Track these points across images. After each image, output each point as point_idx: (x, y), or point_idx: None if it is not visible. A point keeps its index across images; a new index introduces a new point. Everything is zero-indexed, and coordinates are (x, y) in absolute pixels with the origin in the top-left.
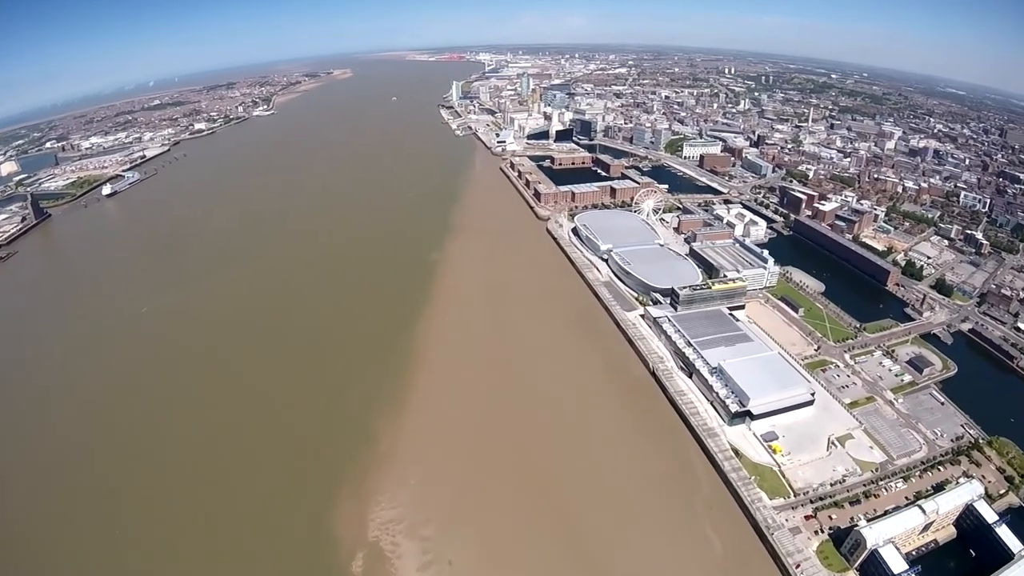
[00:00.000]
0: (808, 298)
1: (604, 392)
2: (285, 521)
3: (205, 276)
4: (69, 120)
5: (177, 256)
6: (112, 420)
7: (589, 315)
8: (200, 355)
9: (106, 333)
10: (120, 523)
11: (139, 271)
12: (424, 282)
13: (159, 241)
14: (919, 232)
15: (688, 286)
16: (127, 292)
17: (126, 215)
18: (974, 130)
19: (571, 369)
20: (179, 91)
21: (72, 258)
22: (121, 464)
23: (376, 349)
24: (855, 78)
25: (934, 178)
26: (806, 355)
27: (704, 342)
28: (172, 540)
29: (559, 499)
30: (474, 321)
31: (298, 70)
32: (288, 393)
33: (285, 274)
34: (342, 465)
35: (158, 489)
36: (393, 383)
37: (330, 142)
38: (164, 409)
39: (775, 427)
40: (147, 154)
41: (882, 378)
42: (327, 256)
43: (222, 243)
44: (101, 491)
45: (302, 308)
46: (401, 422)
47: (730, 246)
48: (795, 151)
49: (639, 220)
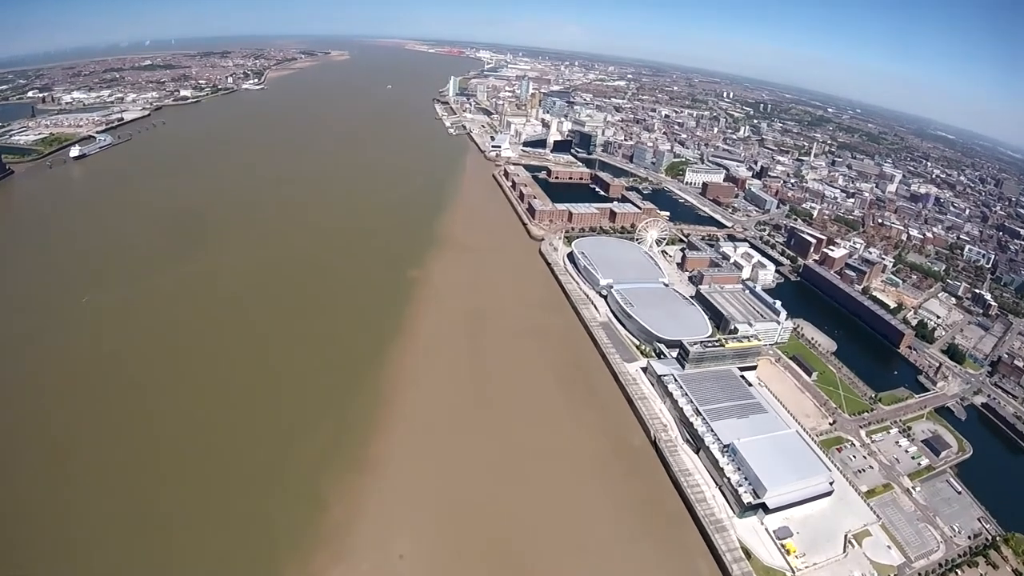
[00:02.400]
0: (821, 359)
1: (599, 466)
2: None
3: (150, 272)
4: (57, 71)
5: (129, 241)
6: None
7: (584, 364)
8: (117, 382)
9: (34, 321)
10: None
11: (88, 252)
12: (399, 307)
13: (112, 220)
14: (927, 287)
15: (699, 341)
16: (70, 275)
17: (89, 183)
18: (970, 178)
19: (562, 434)
20: (172, 54)
21: (25, 226)
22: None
23: (336, 393)
24: (850, 114)
25: (937, 227)
26: (821, 430)
27: (714, 411)
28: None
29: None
30: (452, 366)
31: (295, 47)
32: (223, 439)
33: (235, 281)
34: (284, 535)
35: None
36: (352, 436)
37: (316, 128)
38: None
39: (789, 521)
40: (125, 117)
41: (899, 461)
42: (289, 262)
43: (176, 234)
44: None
45: (250, 329)
46: (359, 485)
47: (740, 292)
48: (798, 187)
49: (642, 252)
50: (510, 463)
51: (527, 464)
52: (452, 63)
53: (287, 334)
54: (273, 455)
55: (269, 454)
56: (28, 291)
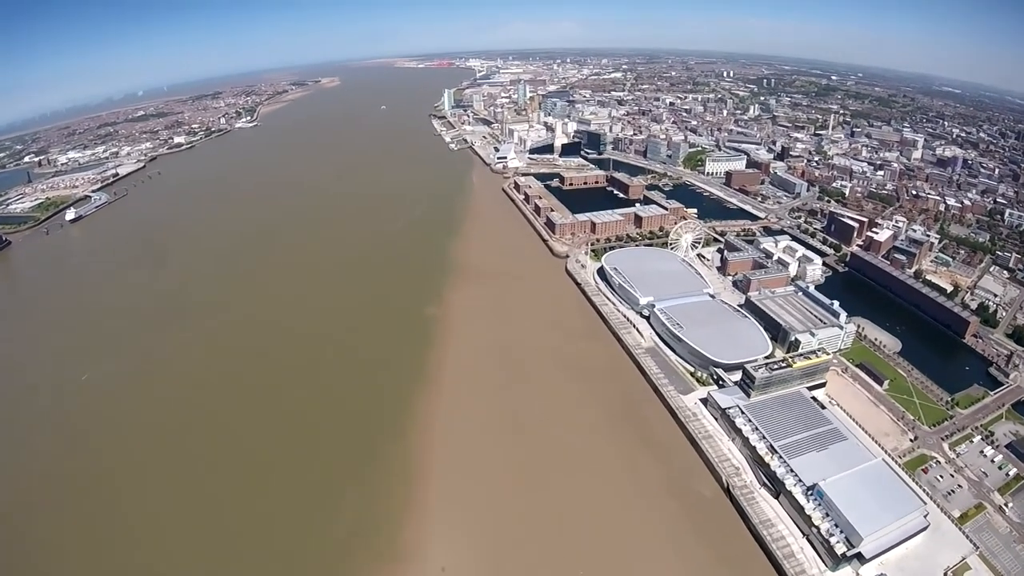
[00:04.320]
0: (889, 363)
1: (668, 527)
2: None
3: (150, 339)
4: (53, 131)
5: (127, 308)
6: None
7: (634, 400)
8: (122, 462)
9: (26, 410)
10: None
11: (85, 324)
12: (419, 353)
13: (111, 286)
14: (977, 262)
15: (764, 364)
16: (69, 351)
17: (87, 245)
18: (990, 134)
19: (620, 492)
20: (164, 101)
21: (23, 297)
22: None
23: (358, 465)
24: (854, 79)
25: (971, 192)
26: (903, 449)
27: (791, 446)
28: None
29: None
30: (484, 417)
31: (286, 78)
32: (234, 525)
33: (240, 341)
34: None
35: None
36: (380, 516)
37: (311, 159)
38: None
39: (885, 566)
40: (120, 171)
41: (987, 474)
42: (297, 313)
43: (172, 297)
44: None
45: (256, 398)
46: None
47: (792, 295)
48: (824, 164)
49: (678, 261)
50: (564, 539)
51: (584, 538)
52: (443, 75)
53: (297, 399)
54: (291, 543)
55: (287, 542)
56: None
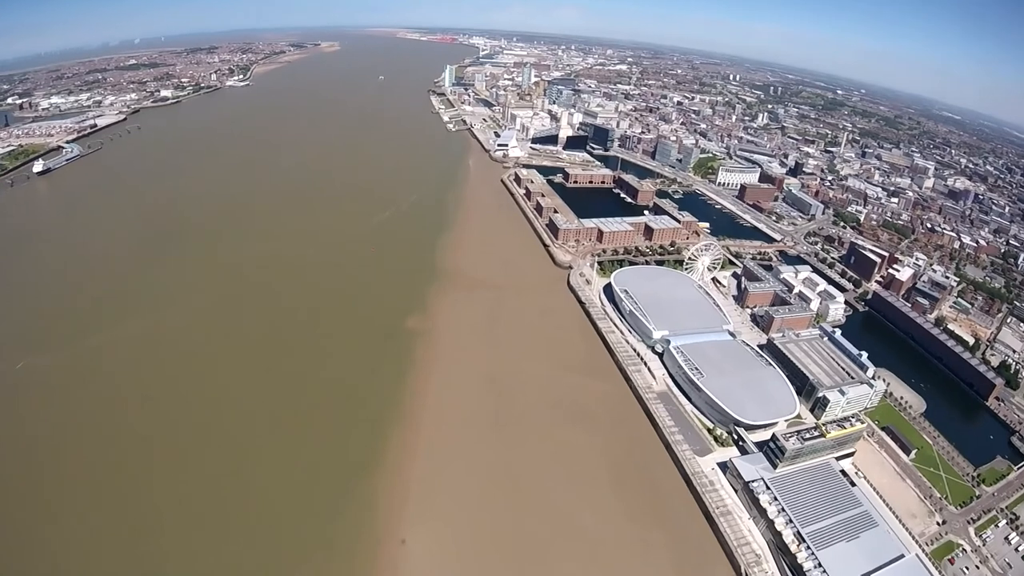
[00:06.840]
0: (915, 427)
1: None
2: None
3: (96, 329)
4: (42, 74)
5: (81, 284)
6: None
7: (642, 457)
8: (49, 480)
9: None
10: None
11: (28, 309)
12: (397, 376)
13: (67, 256)
14: (995, 312)
15: (796, 434)
16: (5, 333)
17: (51, 203)
18: (996, 167)
19: (623, 573)
20: (159, 52)
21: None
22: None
23: (318, 535)
24: (858, 95)
25: (983, 229)
26: (930, 535)
27: (820, 534)
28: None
29: None
30: (468, 471)
31: (285, 39)
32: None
33: (190, 339)
34: None
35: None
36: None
37: (300, 127)
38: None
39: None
40: (99, 123)
41: (1011, 566)
42: (253, 312)
43: (128, 280)
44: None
45: (205, 421)
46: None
47: (819, 342)
48: (838, 185)
49: (695, 287)
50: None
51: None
52: (445, 51)
53: (253, 429)
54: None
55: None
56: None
